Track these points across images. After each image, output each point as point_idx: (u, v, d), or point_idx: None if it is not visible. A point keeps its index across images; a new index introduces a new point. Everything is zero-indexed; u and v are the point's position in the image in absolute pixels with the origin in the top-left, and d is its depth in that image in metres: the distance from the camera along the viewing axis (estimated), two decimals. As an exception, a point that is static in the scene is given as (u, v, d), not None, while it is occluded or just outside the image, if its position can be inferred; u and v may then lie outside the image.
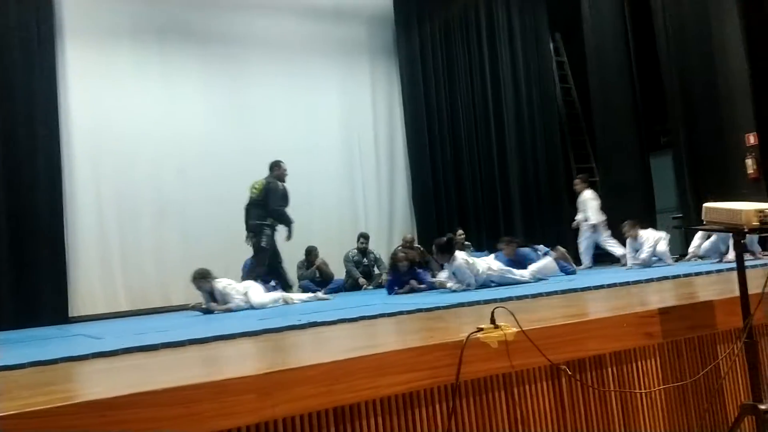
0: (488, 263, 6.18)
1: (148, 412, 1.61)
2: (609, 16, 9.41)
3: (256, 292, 6.21)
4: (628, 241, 7.13)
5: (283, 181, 7.58)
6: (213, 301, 6.15)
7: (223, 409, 1.67)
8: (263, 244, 7.28)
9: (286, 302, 6.27)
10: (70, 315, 7.69)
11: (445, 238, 6.41)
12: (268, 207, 7.34)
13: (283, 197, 7.50)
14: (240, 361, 2.37)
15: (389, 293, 6.75)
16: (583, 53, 9.87)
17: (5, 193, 7.57)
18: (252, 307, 5.94)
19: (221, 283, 6.17)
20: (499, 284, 5.87)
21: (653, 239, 6.95)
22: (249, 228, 7.38)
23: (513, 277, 6.05)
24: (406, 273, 6.84)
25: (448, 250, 6.06)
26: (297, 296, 6.70)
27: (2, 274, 7.40)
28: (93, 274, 8.14)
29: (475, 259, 6.19)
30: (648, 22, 8.65)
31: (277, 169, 7.64)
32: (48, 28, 8.11)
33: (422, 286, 6.70)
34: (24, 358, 2.70)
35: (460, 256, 6.02)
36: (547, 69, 10.97)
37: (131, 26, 8.76)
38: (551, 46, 11.21)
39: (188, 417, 1.64)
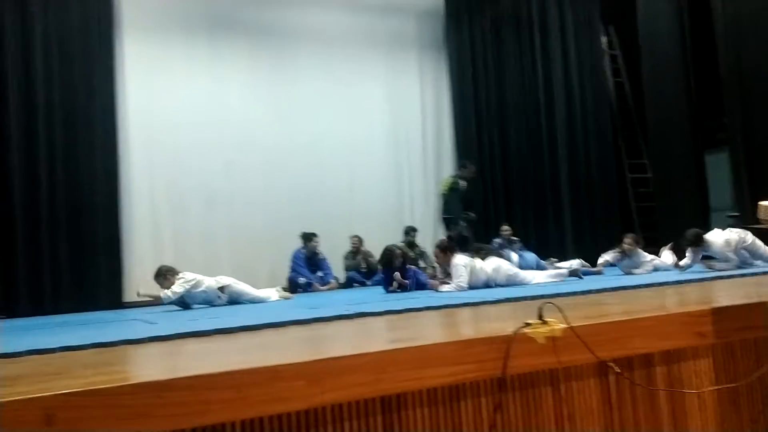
0: (497, 264, 5.98)
1: (202, 394, 1.67)
2: (664, 7, 9.20)
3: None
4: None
5: (467, 181, 8.45)
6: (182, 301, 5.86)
7: (274, 394, 1.71)
8: (452, 234, 8.08)
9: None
10: (124, 300, 7.93)
11: (445, 239, 6.34)
12: (448, 204, 8.35)
13: (460, 195, 8.36)
14: (290, 348, 2.42)
15: (386, 291, 6.42)
16: (636, 46, 9.67)
17: (65, 183, 7.86)
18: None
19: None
20: (506, 285, 5.71)
21: (650, 257, 6.72)
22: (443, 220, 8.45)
23: (522, 278, 5.86)
24: (397, 269, 6.51)
25: (449, 250, 5.95)
26: (264, 292, 6.42)
27: (63, 261, 7.70)
28: (146, 260, 8.35)
29: (480, 263, 5.93)
30: (705, 13, 8.41)
31: (463, 169, 8.55)
32: (107, 23, 8.37)
33: (406, 281, 6.37)
34: (85, 340, 2.82)
35: (460, 258, 5.83)
36: (600, 63, 10.80)
37: (183, 20, 8.99)
38: (604, 39, 11.02)
39: (240, 400, 1.69)
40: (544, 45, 10.64)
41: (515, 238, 9.32)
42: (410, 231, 9.21)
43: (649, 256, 6.79)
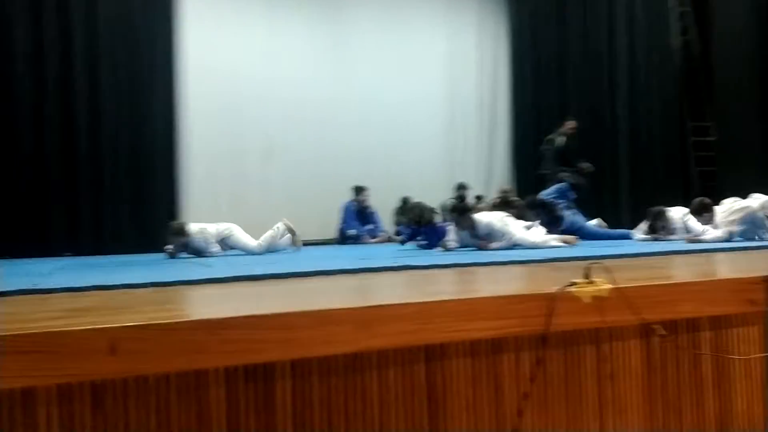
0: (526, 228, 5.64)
1: (255, 333, 1.75)
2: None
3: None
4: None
5: (566, 137, 8.25)
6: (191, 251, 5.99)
7: (324, 336, 1.79)
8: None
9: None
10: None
11: (460, 201, 6.00)
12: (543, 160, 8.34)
13: (558, 152, 8.17)
14: (340, 295, 2.50)
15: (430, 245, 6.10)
16: (709, 5, 9.25)
17: (127, 130, 8.12)
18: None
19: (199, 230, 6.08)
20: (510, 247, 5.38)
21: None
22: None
23: (516, 240, 5.46)
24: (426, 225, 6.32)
25: (463, 213, 5.79)
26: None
27: (123, 204, 8.00)
28: (203, 206, 8.61)
29: (511, 220, 5.69)
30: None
31: (561, 126, 8.42)
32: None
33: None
34: (145, 279, 2.96)
35: (489, 215, 5.64)
36: (667, 19, 10.36)
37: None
38: (674, -6, 10.56)
39: (291, 341, 1.77)
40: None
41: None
42: (461, 188, 9.18)
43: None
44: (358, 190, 8.65)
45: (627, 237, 6.65)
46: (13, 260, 5.99)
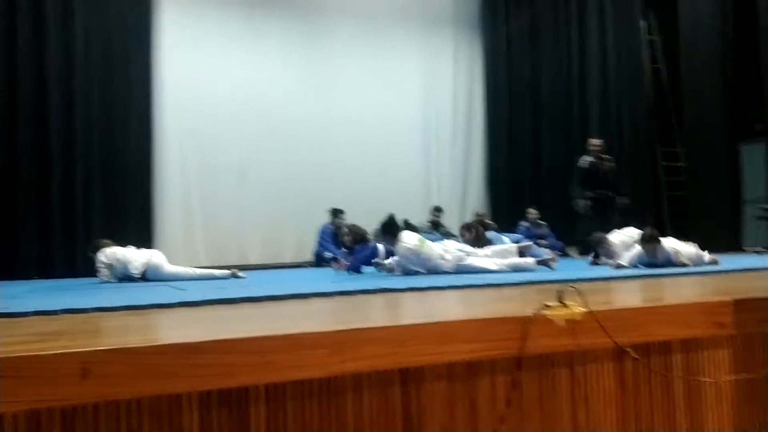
0: (447, 248, 5.40)
1: (228, 357, 1.74)
2: (707, -6, 9.00)
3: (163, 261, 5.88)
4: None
5: (595, 158, 7.92)
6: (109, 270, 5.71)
7: (297, 360, 1.78)
8: (579, 210, 7.87)
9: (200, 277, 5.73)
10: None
11: (388, 218, 5.73)
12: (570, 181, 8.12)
13: (581, 173, 7.87)
14: (313, 318, 2.49)
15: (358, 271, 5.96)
16: (676, 34, 9.50)
17: (100, 150, 8.04)
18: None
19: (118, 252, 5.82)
20: (458, 272, 5.10)
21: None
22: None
23: (475, 266, 5.18)
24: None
25: (390, 232, 5.53)
26: (215, 271, 5.91)
27: (95, 225, 7.88)
28: (176, 229, 8.56)
29: (430, 243, 5.42)
30: (749, 3, 8.23)
31: (589, 145, 8.22)
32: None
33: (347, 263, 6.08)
34: (117, 302, 2.92)
35: (406, 238, 5.29)
36: (637, 48, 10.63)
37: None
38: (643, 24, 10.83)
39: (264, 365, 1.76)
40: (581, 28, 10.51)
41: (543, 222, 9.32)
42: (435, 211, 9.24)
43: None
44: (335, 212, 8.65)
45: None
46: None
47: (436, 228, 9.08)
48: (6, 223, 7.39)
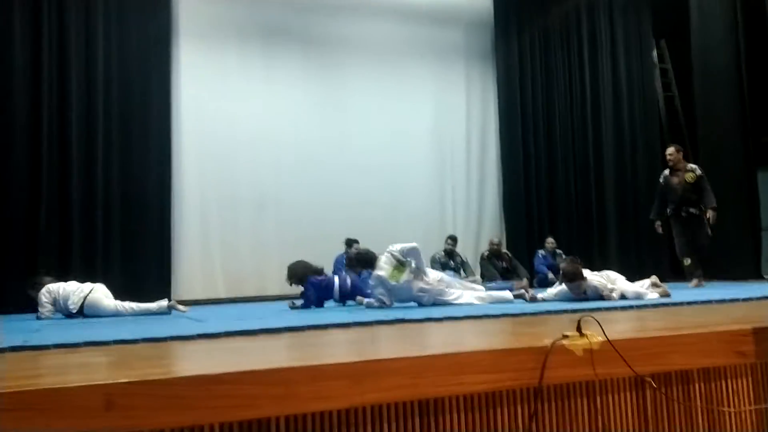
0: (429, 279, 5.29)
1: (249, 389, 1.75)
2: (718, 21, 9.03)
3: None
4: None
5: (670, 168, 7.64)
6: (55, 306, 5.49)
7: (318, 392, 1.79)
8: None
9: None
10: (171, 298, 8.15)
11: (364, 250, 5.82)
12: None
13: (664, 192, 7.61)
14: (333, 349, 2.50)
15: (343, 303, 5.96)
16: (688, 61, 9.52)
17: (120, 182, 8.14)
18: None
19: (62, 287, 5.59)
20: (434, 304, 5.08)
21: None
22: None
23: (447, 299, 5.14)
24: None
25: (362, 264, 5.60)
26: (152, 306, 5.67)
27: (114, 256, 7.96)
28: (194, 261, 8.60)
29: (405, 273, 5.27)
30: (761, 29, 8.24)
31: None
32: (165, 30, 8.65)
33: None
34: (137, 335, 2.96)
35: (380, 269, 5.25)
36: (650, 77, 10.66)
37: (238, 29, 9.22)
38: (655, 53, 10.87)
39: (285, 397, 1.77)
40: (593, 57, 10.57)
41: (559, 251, 9.29)
42: (449, 239, 9.24)
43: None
44: (349, 242, 8.67)
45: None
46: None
47: (451, 257, 9.07)
48: (26, 255, 7.46)
